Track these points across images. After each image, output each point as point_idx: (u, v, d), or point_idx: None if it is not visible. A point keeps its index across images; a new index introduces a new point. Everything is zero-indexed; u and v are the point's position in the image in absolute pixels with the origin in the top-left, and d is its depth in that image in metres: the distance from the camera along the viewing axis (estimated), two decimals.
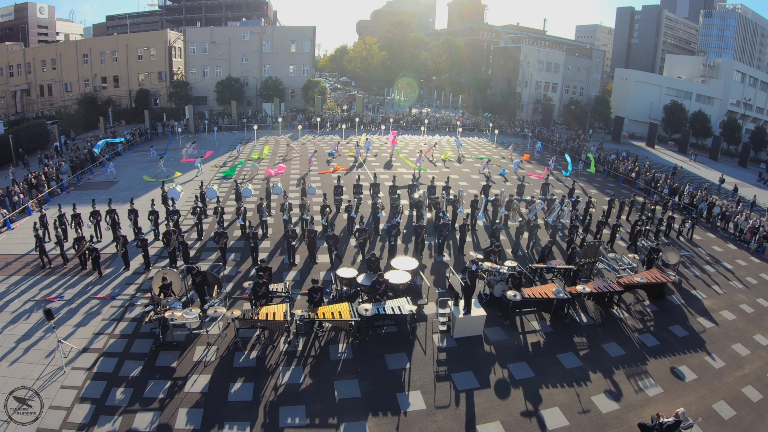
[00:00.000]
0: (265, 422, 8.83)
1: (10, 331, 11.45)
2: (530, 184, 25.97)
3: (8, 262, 15.25)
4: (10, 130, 33.82)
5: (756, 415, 9.84)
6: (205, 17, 75.14)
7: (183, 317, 10.85)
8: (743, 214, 21.97)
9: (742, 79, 56.83)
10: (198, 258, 15.61)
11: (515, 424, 9.10)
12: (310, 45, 51.55)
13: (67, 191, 23.75)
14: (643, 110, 53.64)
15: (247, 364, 10.37)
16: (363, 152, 32.34)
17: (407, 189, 21.26)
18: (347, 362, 10.60)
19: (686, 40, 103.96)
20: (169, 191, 19.69)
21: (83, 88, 48.32)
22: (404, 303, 11.70)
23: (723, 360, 11.62)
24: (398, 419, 9.07)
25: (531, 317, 12.78)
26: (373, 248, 16.65)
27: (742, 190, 30.01)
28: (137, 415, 8.87)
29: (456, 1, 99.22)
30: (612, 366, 10.99)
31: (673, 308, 13.95)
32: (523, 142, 42.97)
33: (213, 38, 48.88)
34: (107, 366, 10.20)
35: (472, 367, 10.61)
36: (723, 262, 17.98)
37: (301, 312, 11.13)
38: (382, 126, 44.32)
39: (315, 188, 21.31)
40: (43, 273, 14.51)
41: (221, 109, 47.30)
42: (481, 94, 64.09)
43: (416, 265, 13.82)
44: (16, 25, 79.23)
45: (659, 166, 36.15)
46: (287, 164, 28.89)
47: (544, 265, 14.42)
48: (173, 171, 26.98)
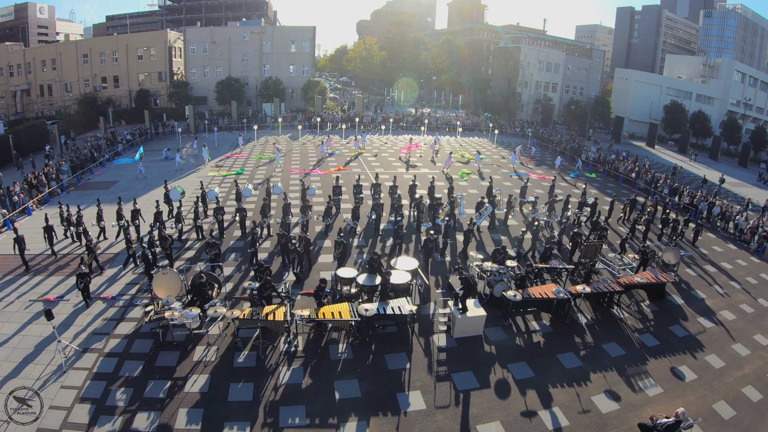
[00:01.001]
0: (265, 422, 8.83)
1: (10, 331, 11.44)
2: (532, 185, 25.94)
3: (8, 263, 15.25)
4: (10, 130, 33.84)
5: (756, 415, 9.84)
6: (205, 17, 75.17)
7: (183, 317, 10.85)
8: (743, 215, 21.96)
9: (742, 79, 56.85)
10: (198, 258, 15.63)
11: (515, 424, 9.10)
12: (310, 45, 51.59)
13: (67, 191, 23.75)
14: (643, 110, 53.65)
15: (247, 364, 10.36)
16: (361, 144, 33.19)
17: (408, 190, 21.27)
18: (347, 362, 10.60)
19: (686, 40, 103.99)
20: (171, 191, 19.65)
21: (83, 88, 48.36)
22: (404, 303, 11.70)
23: (723, 360, 11.61)
24: (398, 419, 9.07)
25: (531, 317, 12.77)
26: (374, 248, 16.65)
27: (742, 190, 30.01)
28: (137, 415, 8.86)
29: (456, 1, 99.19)
30: (612, 366, 10.98)
31: (673, 308, 13.95)
32: (523, 142, 42.99)
33: (213, 38, 48.90)
34: (107, 366, 10.20)
35: (472, 367, 10.60)
36: (723, 262, 17.97)
37: (301, 312, 11.13)
38: (382, 126, 44.33)
39: (315, 189, 21.30)
40: (45, 273, 14.51)
41: (221, 109, 47.31)
42: (481, 94, 64.12)
43: (416, 265, 13.82)
44: (16, 25, 79.32)
45: (659, 166, 36.15)
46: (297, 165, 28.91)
47: (546, 265, 14.41)
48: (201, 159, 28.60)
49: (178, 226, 17.20)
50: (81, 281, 12.27)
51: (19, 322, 11.80)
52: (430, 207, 18.45)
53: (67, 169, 25.48)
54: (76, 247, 16.71)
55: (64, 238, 17.26)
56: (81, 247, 16.54)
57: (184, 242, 17.09)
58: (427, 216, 18.44)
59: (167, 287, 11.93)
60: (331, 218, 18.21)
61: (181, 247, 16.55)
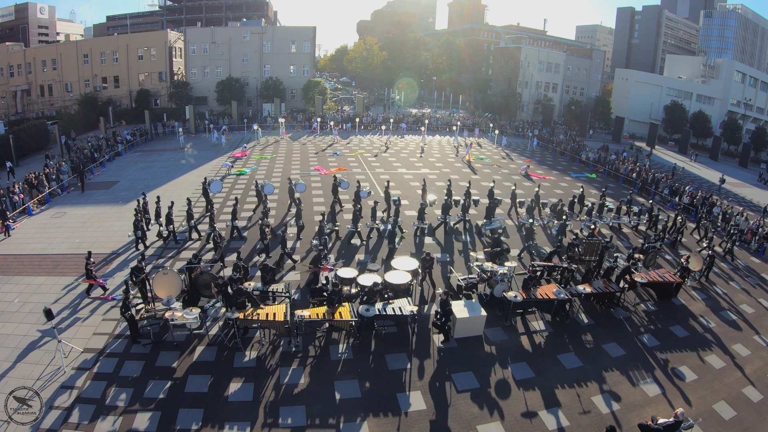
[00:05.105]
0: (266, 422, 8.83)
1: (10, 331, 11.45)
2: (545, 192, 25.41)
3: (8, 263, 15.26)
4: (11, 130, 33.83)
5: (756, 415, 9.83)
6: (206, 17, 75.18)
7: (183, 317, 10.86)
8: (744, 215, 21.95)
9: (743, 79, 56.84)
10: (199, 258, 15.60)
11: (515, 425, 9.10)
12: (310, 45, 51.57)
13: (67, 191, 23.75)
14: (644, 110, 53.63)
15: (247, 364, 10.36)
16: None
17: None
18: (347, 362, 10.60)
19: (686, 40, 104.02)
20: (212, 183, 19.58)
21: (84, 88, 48.33)
22: (405, 303, 11.70)
23: (723, 360, 11.61)
24: (398, 419, 9.06)
25: (531, 318, 12.77)
26: (378, 249, 16.65)
27: (743, 190, 30.00)
28: (137, 415, 8.86)
29: (456, 2, 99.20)
30: (612, 366, 10.98)
31: (674, 308, 13.93)
32: (523, 142, 42.99)
33: (213, 38, 48.90)
34: (107, 366, 10.20)
35: (473, 368, 10.59)
36: (723, 262, 17.96)
37: (302, 312, 11.13)
38: (383, 126, 44.32)
39: (304, 184, 20.57)
40: (45, 274, 14.52)
41: (222, 109, 47.32)
42: (482, 94, 64.12)
43: (416, 265, 13.81)
44: (17, 26, 79.38)
45: (659, 166, 36.14)
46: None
47: (549, 264, 14.38)
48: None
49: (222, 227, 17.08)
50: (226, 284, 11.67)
51: (19, 322, 11.81)
52: (445, 207, 18.37)
53: (68, 169, 25.48)
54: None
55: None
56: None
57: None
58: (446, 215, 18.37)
59: (167, 287, 11.92)
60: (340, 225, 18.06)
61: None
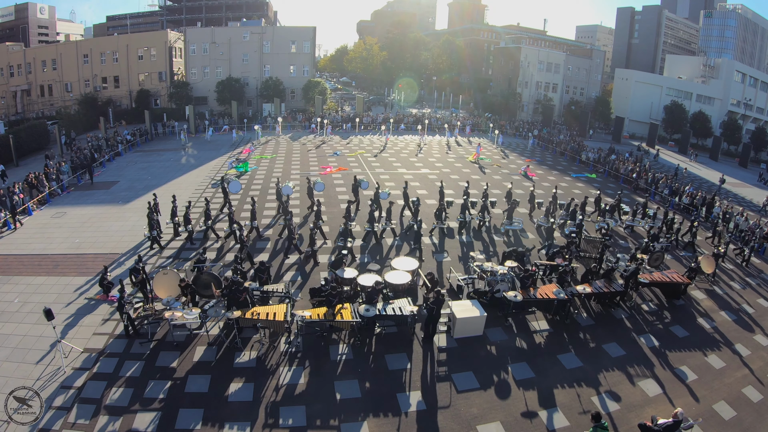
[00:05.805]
0: (266, 422, 8.83)
1: (10, 331, 11.45)
2: (543, 191, 25.35)
3: (8, 263, 15.25)
4: (11, 130, 33.82)
5: (756, 415, 9.83)
6: (206, 17, 75.24)
7: (183, 317, 10.86)
8: (744, 215, 21.93)
9: (743, 79, 56.83)
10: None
11: (515, 425, 9.10)
12: (310, 45, 51.60)
13: (67, 191, 23.74)
14: (644, 110, 53.62)
15: (247, 364, 10.36)
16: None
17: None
18: (347, 362, 10.60)
19: (686, 40, 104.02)
20: (231, 183, 19.79)
21: (83, 88, 48.34)
22: (405, 304, 11.70)
23: (723, 360, 11.61)
24: (399, 420, 9.06)
25: (531, 317, 12.77)
26: (380, 250, 16.65)
27: (743, 190, 30.00)
28: (137, 415, 8.86)
29: (456, 2, 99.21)
30: (612, 366, 10.98)
31: (674, 308, 13.93)
32: (523, 142, 42.98)
33: (213, 38, 48.92)
34: (107, 366, 10.20)
35: (473, 368, 10.60)
36: (723, 262, 17.93)
37: (302, 312, 11.12)
38: (382, 126, 44.29)
39: (291, 187, 20.28)
40: (45, 274, 14.52)
41: (222, 109, 47.33)
42: (482, 94, 64.12)
43: (417, 265, 13.81)
44: (17, 26, 79.44)
45: (659, 166, 36.14)
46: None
47: (550, 263, 14.37)
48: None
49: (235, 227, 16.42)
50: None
51: (19, 322, 11.81)
52: (463, 207, 18.55)
53: (68, 169, 25.46)
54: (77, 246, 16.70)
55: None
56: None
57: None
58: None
59: (167, 287, 11.93)
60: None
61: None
